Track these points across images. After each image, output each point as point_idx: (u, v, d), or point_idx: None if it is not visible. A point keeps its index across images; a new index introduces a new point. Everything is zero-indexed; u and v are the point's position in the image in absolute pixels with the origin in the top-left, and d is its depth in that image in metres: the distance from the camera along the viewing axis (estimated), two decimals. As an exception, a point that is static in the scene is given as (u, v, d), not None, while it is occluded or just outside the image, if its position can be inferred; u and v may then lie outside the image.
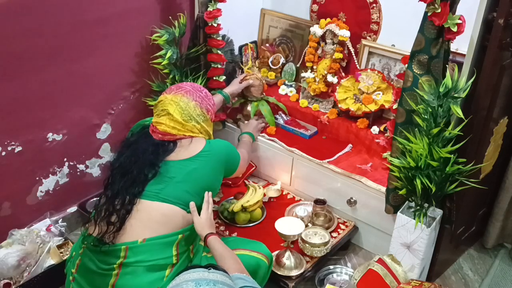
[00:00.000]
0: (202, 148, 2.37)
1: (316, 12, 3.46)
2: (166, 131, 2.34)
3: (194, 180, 2.31)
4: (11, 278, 2.51)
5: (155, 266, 2.15)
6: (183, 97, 2.37)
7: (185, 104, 2.35)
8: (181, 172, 2.30)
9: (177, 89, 2.41)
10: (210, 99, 2.48)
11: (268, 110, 3.36)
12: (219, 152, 2.44)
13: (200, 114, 2.40)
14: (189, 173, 2.30)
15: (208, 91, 2.51)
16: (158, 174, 2.27)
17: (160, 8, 3.11)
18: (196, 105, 2.38)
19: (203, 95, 2.43)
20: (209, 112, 2.46)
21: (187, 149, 2.35)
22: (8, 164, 2.65)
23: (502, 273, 2.88)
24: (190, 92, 2.40)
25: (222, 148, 2.48)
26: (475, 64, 2.28)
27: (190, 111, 2.36)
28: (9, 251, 2.50)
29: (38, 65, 2.62)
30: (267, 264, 2.40)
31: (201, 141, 2.41)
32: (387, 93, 3.09)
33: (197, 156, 2.35)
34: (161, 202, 2.23)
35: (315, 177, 3.08)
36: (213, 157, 2.39)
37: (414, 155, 2.37)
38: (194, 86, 2.45)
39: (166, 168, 2.29)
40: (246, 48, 3.65)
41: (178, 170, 2.30)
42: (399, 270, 2.58)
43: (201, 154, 2.36)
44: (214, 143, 2.46)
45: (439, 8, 2.22)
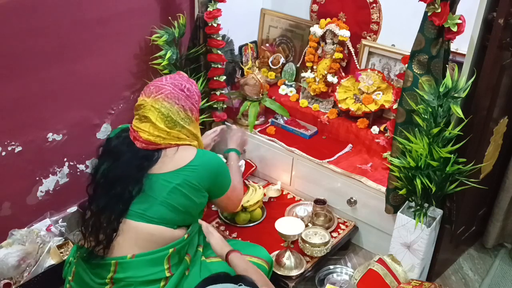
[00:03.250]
0: (190, 159, 2.16)
1: (316, 12, 3.46)
2: (150, 140, 2.13)
3: (178, 197, 2.13)
4: (11, 278, 2.51)
5: (148, 281, 2.10)
6: (164, 102, 2.13)
7: (167, 110, 2.12)
8: (165, 189, 2.11)
9: (157, 91, 2.15)
10: (194, 95, 2.22)
11: (254, 113, 3.36)
12: (208, 168, 2.21)
13: (185, 117, 2.18)
14: (173, 191, 2.12)
15: (191, 85, 2.24)
16: (142, 192, 2.11)
17: (160, 9, 3.11)
18: (180, 109, 2.15)
19: (185, 94, 2.18)
20: (193, 111, 2.22)
21: (172, 160, 2.15)
22: (8, 164, 2.65)
23: (502, 273, 2.88)
24: (171, 94, 2.14)
25: (213, 165, 2.25)
26: (475, 64, 2.28)
27: (173, 117, 2.14)
28: (9, 251, 2.50)
29: (38, 65, 2.62)
30: (267, 268, 2.38)
31: (189, 150, 2.20)
32: (387, 93, 3.09)
33: (183, 169, 2.15)
34: (146, 222, 2.11)
35: (315, 177, 3.08)
36: (200, 172, 2.18)
37: (414, 155, 2.37)
38: (175, 85, 2.18)
39: (149, 183, 2.12)
40: (246, 48, 3.66)
41: (161, 187, 2.12)
42: (399, 270, 2.58)
43: (187, 167, 2.15)
44: (205, 158, 2.24)
45: (439, 8, 2.22)
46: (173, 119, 2.14)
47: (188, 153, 2.19)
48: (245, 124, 3.39)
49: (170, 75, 2.27)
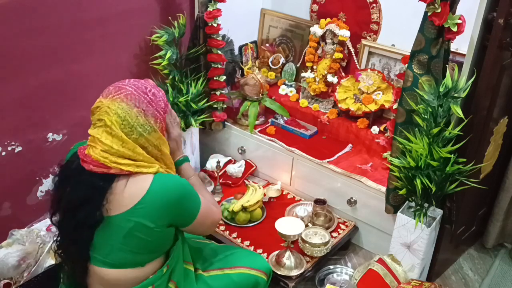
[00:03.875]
0: (140, 196, 1.82)
1: (316, 12, 3.46)
2: (100, 160, 1.82)
3: (136, 242, 1.87)
4: (11, 278, 2.51)
5: None
6: (121, 103, 1.84)
7: (124, 112, 1.83)
8: (119, 234, 1.86)
9: (116, 91, 1.88)
10: (159, 102, 1.91)
11: (254, 113, 3.36)
12: (163, 204, 1.86)
13: (144, 124, 1.85)
14: (128, 236, 1.85)
15: (158, 91, 1.95)
16: (97, 236, 1.89)
17: (160, 9, 3.11)
18: (139, 113, 1.84)
19: (148, 99, 1.87)
20: (158, 120, 1.89)
21: (121, 198, 1.83)
22: (8, 164, 2.65)
23: (502, 273, 2.88)
24: (132, 95, 1.85)
25: (169, 198, 1.88)
26: (475, 64, 2.28)
27: (131, 121, 1.83)
28: (9, 251, 2.50)
29: (38, 65, 2.62)
30: (266, 279, 2.33)
31: (140, 182, 1.85)
32: (387, 93, 3.09)
33: (133, 210, 1.83)
34: (110, 268, 1.91)
35: (315, 177, 3.08)
36: (154, 211, 1.85)
37: (414, 155, 2.37)
38: (138, 87, 1.89)
39: (103, 228, 1.86)
40: (246, 48, 3.66)
41: (115, 232, 1.86)
42: (399, 270, 2.58)
43: (137, 208, 1.83)
44: (160, 190, 1.86)
45: (439, 8, 2.22)
46: (130, 123, 1.83)
47: (139, 187, 1.84)
48: (245, 124, 3.39)
49: (135, 79, 1.98)
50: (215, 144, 3.57)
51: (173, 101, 3.07)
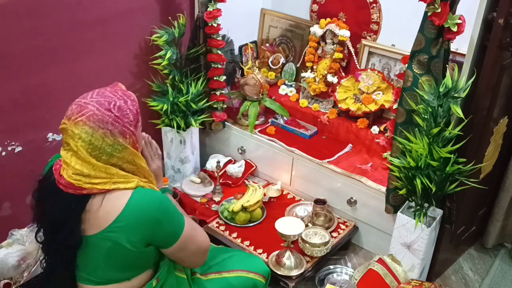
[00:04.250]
0: (115, 215, 1.72)
1: (316, 12, 3.46)
2: (73, 183, 1.73)
3: (117, 260, 1.80)
4: (11, 278, 2.51)
5: None
6: (84, 126, 1.70)
7: (89, 136, 1.70)
8: (98, 253, 1.78)
9: (78, 112, 1.73)
10: (127, 115, 1.76)
11: (254, 113, 3.35)
12: (139, 223, 1.75)
13: (113, 143, 1.72)
14: (108, 255, 1.78)
15: (125, 101, 1.79)
16: (79, 254, 1.82)
17: (160, 9, 3.11)
18: (105, 134, 1.71)
19: (113, 116, 1.73)
20: (127, 135, 1.75)
21: (96, 218, 1.74)
22: (8, 164, 2.65)
23: (502, 273, 2.88)
24: (94, 116, 1.70)
25: (147, 216, 1.75)
26: (475, 64, 2.28)
27: (98, 144, 1.71)
28: (9, 251, 2.50)
29: (38, 65, 2.62)
30: (264, 282, 2.33)
31: (116, 200, 1.74)
32: (387, 93, 3.09)
33: (109, 230, 1.73)
34: (96, 285, 1.85)
35: (315, 177, 3.08)
36: (130, 230, 1.74)
37: (414, 155, 2.37)
38: (101, 104, 1.74)
39: (84, 248, 1.79)
40: (246, 48, 3.66)
41: (94, 251, 1.79)
42: (399, 270, 2.58)
43: (113, 227, 1.73)
44: (137, 208, 1.74)
45: (439, 8, 2.22)
46: (97, 146, 1.71)
47: (115, 205, 1.74)
48: (245, 124, 3.39)
49: (102, 89, 1.84)
50: (215, 144, 3.57)
51: (173, 101, 3.07)
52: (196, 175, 3.32)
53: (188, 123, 3.16)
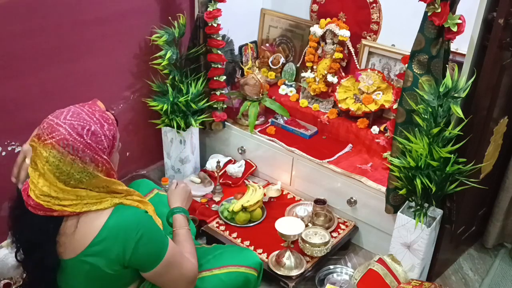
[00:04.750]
0: (91, 238, 1.65)
1: (316, 12, 3.46)
2: (43, 205, 1.65)
3: (99, 281, 1.75)
4: (11, 278, 2.51)
5: None
6: (53, 149, 1.60)
7: (57, 160, 1.60)
8: (79, 276, 1.74)
9: (49, 133, 1.63)
10: (101, 141, 1.66)
11: (254, 113, 3.35)
12: (117, 245, 1.67)
13: (83, 170, 1.62)
14: (89, 277, 1.73)
15: (101, 125, 1.68)
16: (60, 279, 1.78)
17: (160, 9, 3.11)
18: (75, 161, 1.60)
19: (84, 143, 1.62)
20: (99, 163, 1.65)
21: (72, 241, 1.67)
22: (8, 164, 2.63)
23: (502, 273, 2.88)
24: (65, 141, 1.60)
25: (124, 237, 1.67)
26: (475, 64, 2.28)
27: (66, 170, 1.61)
28: (9, 251, 2.50)
29: (38, 65, 2.62)
30: (256, 275, 2.25)
31: (91, 222, 1.67)
32: (387, 93, 3.09)
33: (86, 253, 1.67)
34: None
35: (315, 177, 3.08)
36: (107, 253, 1.67)
37: (414, 155, 2.37)
38: (73, 127, 1.63)
39: (62, 270, 1.75)
40: (246, 48, 3.66)
41: (75, 276, 1.75)
42: (399, 270, 2.58)
43: (89, 251, 1.67)
44: (115, 224, 1.67)
45: (439, 8, 2.22)
46: (65, 171, 1.61)
47: (91, 228, 1.66)
48: (245, 124, 3.39)
49: (78, 108, 1.73)
50: (215, 144, 3.57)
51: (173, 101, 3.07)
52: (196, 175, 3.32)
53: (188, 123, 3.16)
